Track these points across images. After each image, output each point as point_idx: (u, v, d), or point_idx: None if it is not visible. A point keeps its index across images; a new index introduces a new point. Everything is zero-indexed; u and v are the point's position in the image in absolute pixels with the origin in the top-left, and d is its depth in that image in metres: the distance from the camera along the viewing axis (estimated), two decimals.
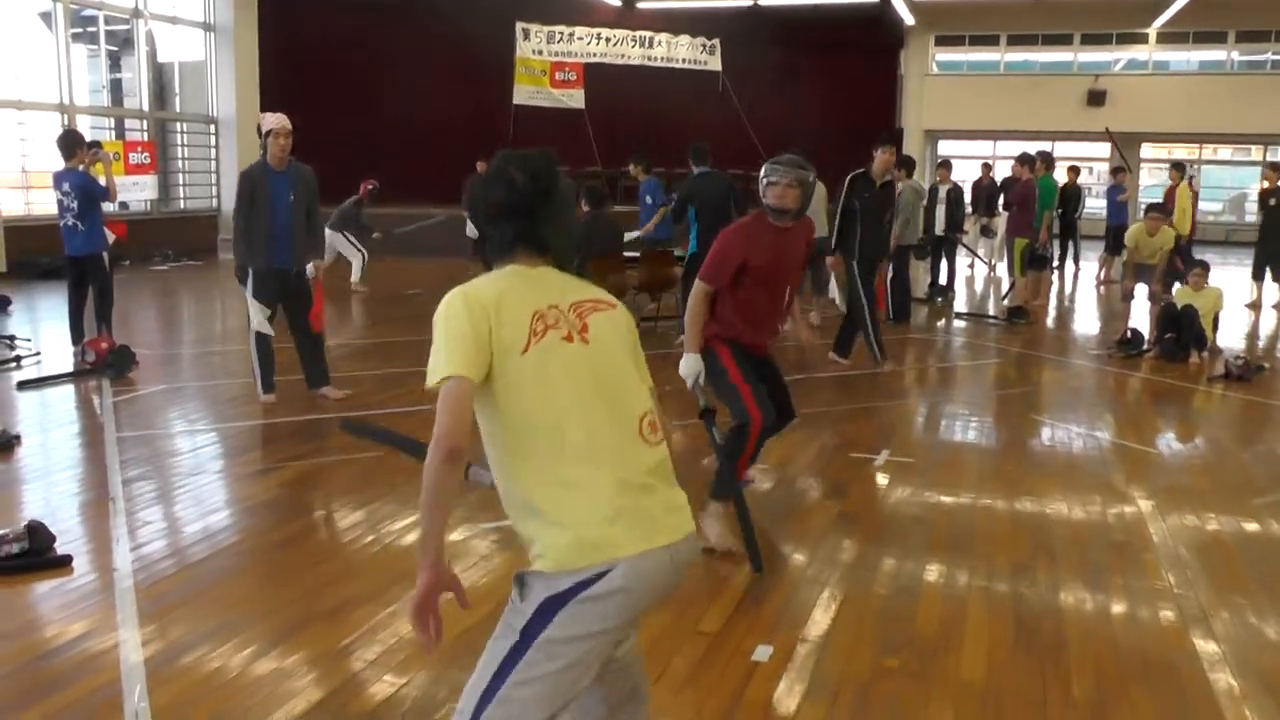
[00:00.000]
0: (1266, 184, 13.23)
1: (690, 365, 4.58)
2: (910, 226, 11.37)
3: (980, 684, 3.43)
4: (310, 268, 7.09)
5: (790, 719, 3.18)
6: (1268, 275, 13.19)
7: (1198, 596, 4.19)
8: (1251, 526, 5.09)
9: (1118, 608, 4.08)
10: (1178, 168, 15.23)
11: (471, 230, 2.32)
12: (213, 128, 17.70)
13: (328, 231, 13.06)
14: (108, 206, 8.93)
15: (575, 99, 19.47)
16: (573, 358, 2.14)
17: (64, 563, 4.27)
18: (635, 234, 11.29)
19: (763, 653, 3.59)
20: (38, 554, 4.27)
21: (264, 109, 17.07)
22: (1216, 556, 4.68)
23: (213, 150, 17.77)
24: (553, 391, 2.10)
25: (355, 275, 13.44)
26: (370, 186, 13.62)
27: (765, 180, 4.61)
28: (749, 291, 4.60)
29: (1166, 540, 4.84)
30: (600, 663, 2.13)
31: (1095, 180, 25.24)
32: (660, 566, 2.09)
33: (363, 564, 4.41)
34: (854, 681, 3.42)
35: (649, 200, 11.28)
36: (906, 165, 11.60)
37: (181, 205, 17.75)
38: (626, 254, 10.52)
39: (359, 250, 13.48)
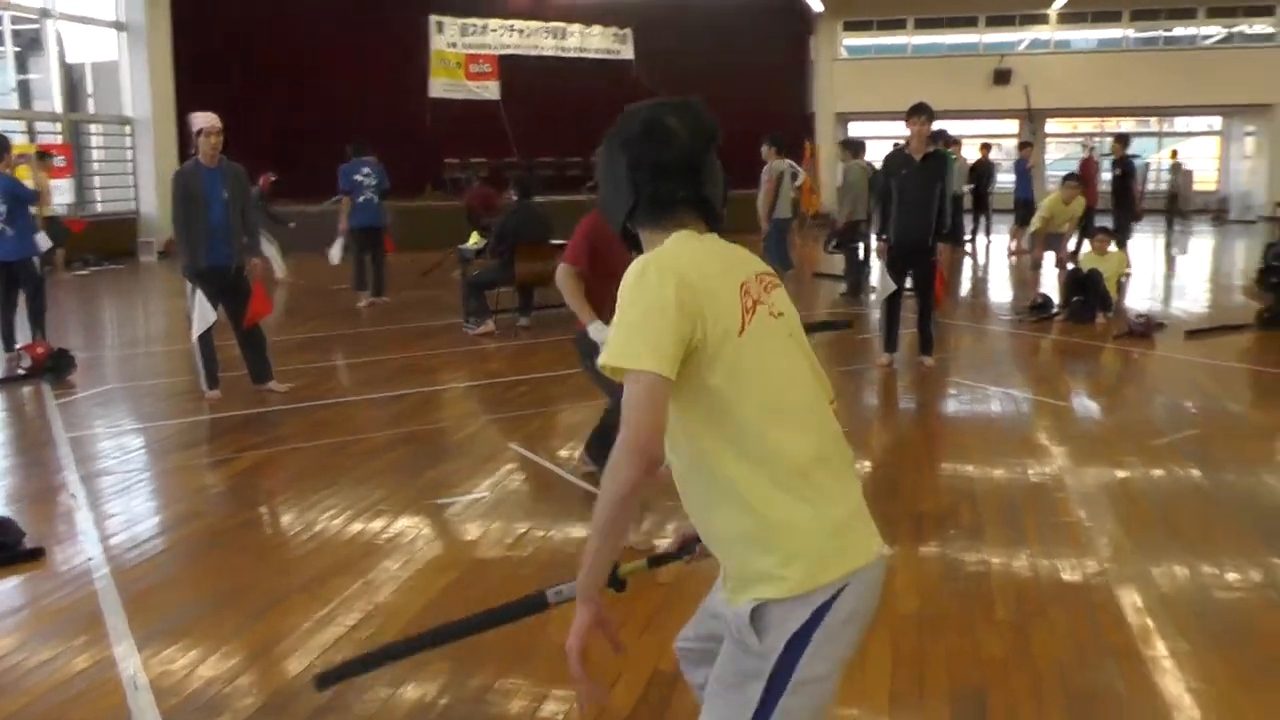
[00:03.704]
0: (1113, 155, 13.97)
1: (601, 331, 4.53)
2: (860, 204, 11.66)
3: (914, 613, 3.77)
4: (254, 264, 7.20)
5: None
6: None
7: (1105, 527, 4.61)
8: (1152, 464, 5.54)
9: (1034, 541, 4.47)
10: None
11: (335, 255, 2.18)
12: (128, 128, 17.44)
13: None
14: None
15: (490, 90, 19.59)
16: (781, 336, 1.90)
17: (37, 555, 4.39)
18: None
19: None
20: (9, 548, 4.38)
21: (179, 108, 16.96)
22: (1121, 492, 5.11)
23: (129, 151, 17.51)
24: (774, 378, 1.85)
25: (278, 269, 13.73)
26: (272, 179, 13.81)
27: None
28: (613, 277, 4.67)
29: (1078, 481, 5.27)
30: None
31: (1004, 156, 26.09)
32: (878, 579, 1.91)
33: (328, 541, 4.59)
34: None
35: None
36: (853, 147, 11.94)
37: (99, 208, 17.47)
38: (554, 241, 10.73)
39: (270, 240, 13.75)
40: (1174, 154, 13.26)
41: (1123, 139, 14.14)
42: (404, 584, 4.13)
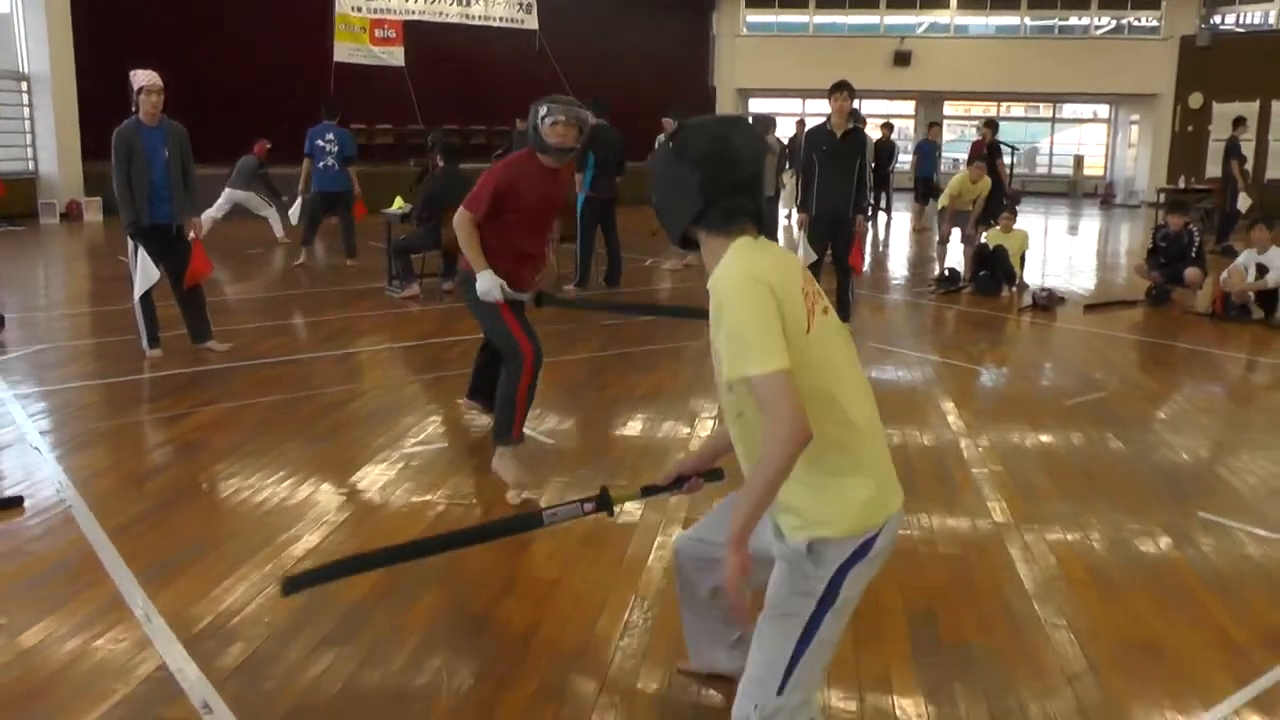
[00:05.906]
0: (982, 139, 14.69)
1: (487, 280, 4.67)
2: (767, 180, 12.01)
3: None
4: (194, 223, 7.23)
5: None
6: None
7: (1030, 479, 5.06)
8: (1067, 424, 6.03)
9: (966, 490, 4.89)
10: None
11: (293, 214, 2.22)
12: (24, 85, 16.79)
13: (238, 193, 13.21)
14: None
15: (395, 56, 19.41)
16: (835, 329, 2.32)
17: (15, 504, 4.44)
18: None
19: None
20: None
21: (79, 65, 16.37)
22: (1042, 449, 5.59)
23: (26, 109, 16.86)
24: (836, 364, 2.27)
25: (278, 230, 13.69)
26: (267, 146, 13.63)
27: (548, 119, 4.68)
28: (513, 228, 4.80)
29: (1000, 439, 5.73)
30: None
31: (898, 136, 26.89)
32: (900, 521, 2.38)
33: (302, 490, 4.73)
34: None
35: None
36: (763, 124, 12.27)
37: None
38: None
39: (270, 203, 13.70)
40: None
41: (992, 124, 14.88)
42: (389, 523, 4.34)
